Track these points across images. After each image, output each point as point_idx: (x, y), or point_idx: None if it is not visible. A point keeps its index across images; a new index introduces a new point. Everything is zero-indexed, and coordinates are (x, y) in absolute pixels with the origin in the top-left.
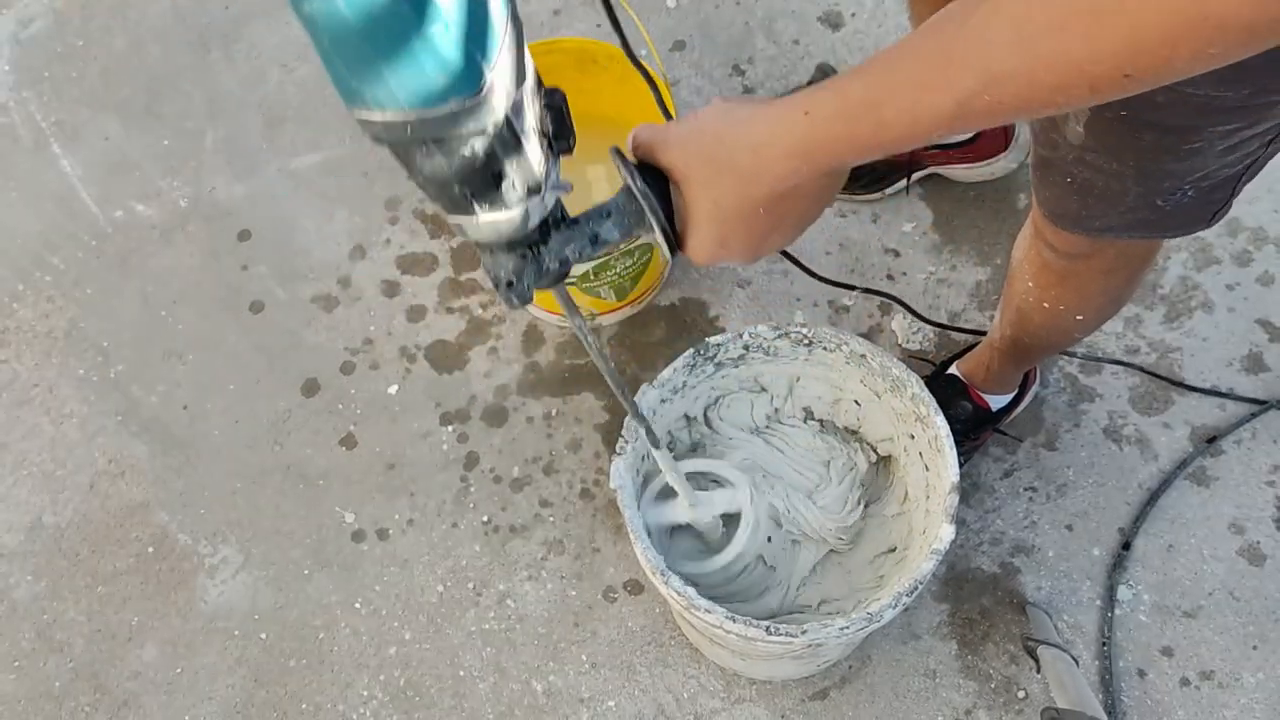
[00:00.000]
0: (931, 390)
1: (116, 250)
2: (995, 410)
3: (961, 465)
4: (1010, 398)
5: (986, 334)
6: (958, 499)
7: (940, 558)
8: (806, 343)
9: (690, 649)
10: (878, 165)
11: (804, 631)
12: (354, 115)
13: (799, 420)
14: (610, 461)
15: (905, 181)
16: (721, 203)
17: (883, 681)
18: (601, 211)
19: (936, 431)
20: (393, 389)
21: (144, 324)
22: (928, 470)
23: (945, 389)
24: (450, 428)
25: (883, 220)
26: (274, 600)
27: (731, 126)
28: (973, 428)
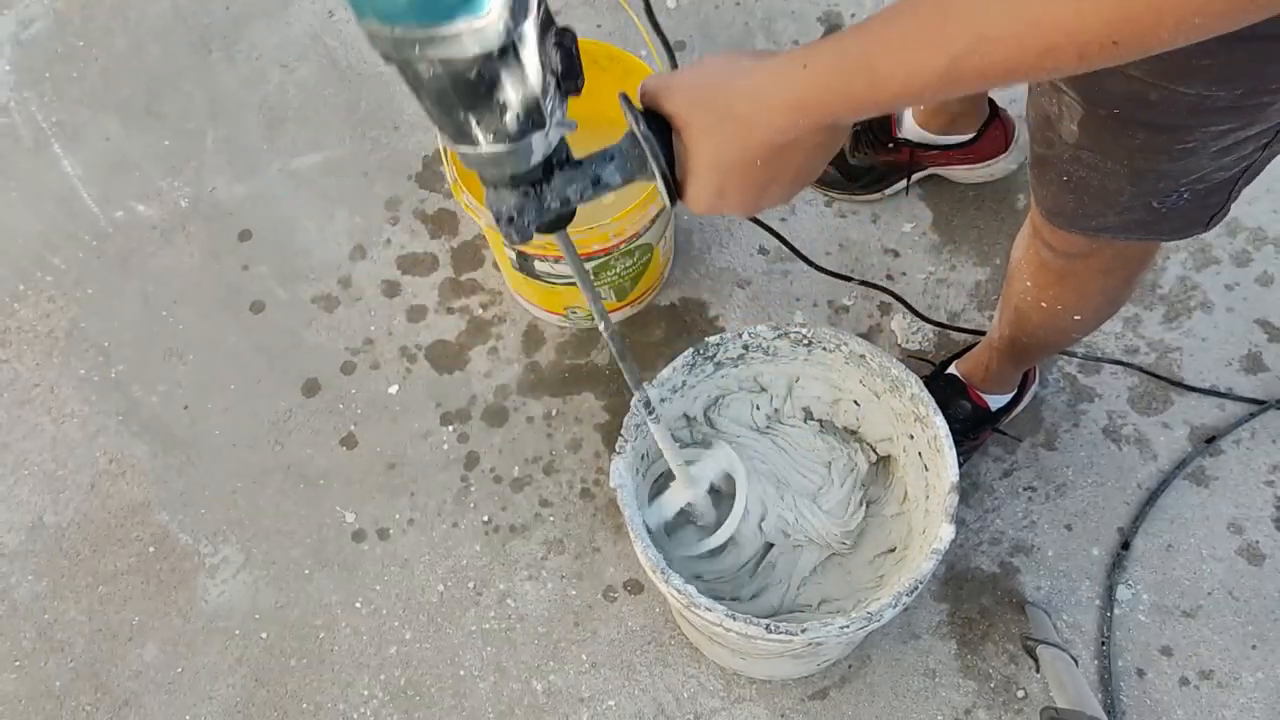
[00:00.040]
0: (931, 390)
1: (117, 250)
2: (994, 410)
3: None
4: (1009, 398)
5: (986, 334)
6: (957, 499)
7: (940, 557)
8: (806, 343)
9: (690, 648)
10: (877, 165)
11: (804, 630)
12: (363, 27)
13: (799, 420)
14: (610, 461)
15: (905, 182)
16: (720, 151)
17: (882, 681)
18: (605, 155)
19: (936, 431)
20: (393, 389)
21: (145, 324)
22: (927, 470)
23: (944, 389)
24: (450, 428)
25: (882, 220)
26: (274, 600)
27: (733, 76)
28: (972, 427)
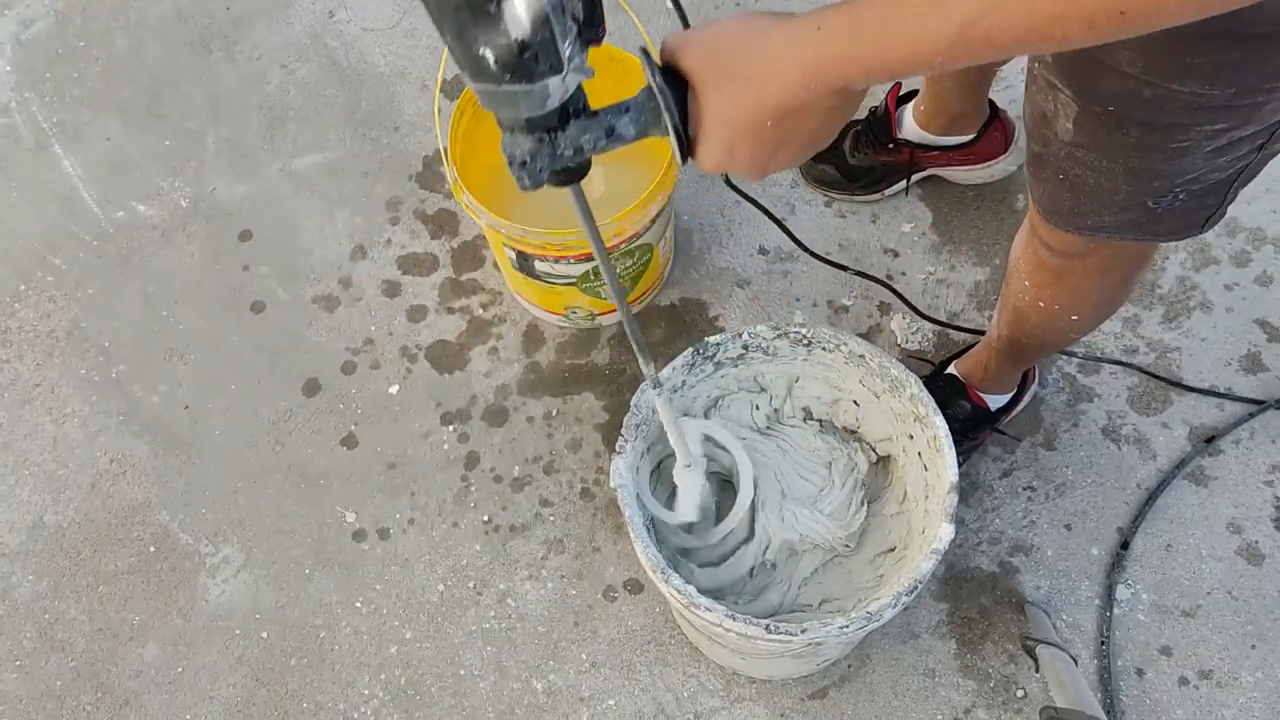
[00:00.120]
0: (930, 390)
1: (118, 250)
2: (994, 410)
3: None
4: (1009, 397)
5: (985, 333)
6: (956, 499)
7: (939, 557)
8: (805, 343)
9: (690, 648)
10: (877, 166)
11: (804, 630)
12: None
13: (799, 420)
14: (610, 461)
15: (905, 183)
16: (731, 110)
17: (882, 680)
18: (621, 107)
19: (935, 431)
20: (393, 389)
21: (145, 324)
22: (926, 470)
23: (944, 389)
24: (451, 427)
25: (882, 220)
26: (275, 599)
27: (748, 36)
28: (971, 427)
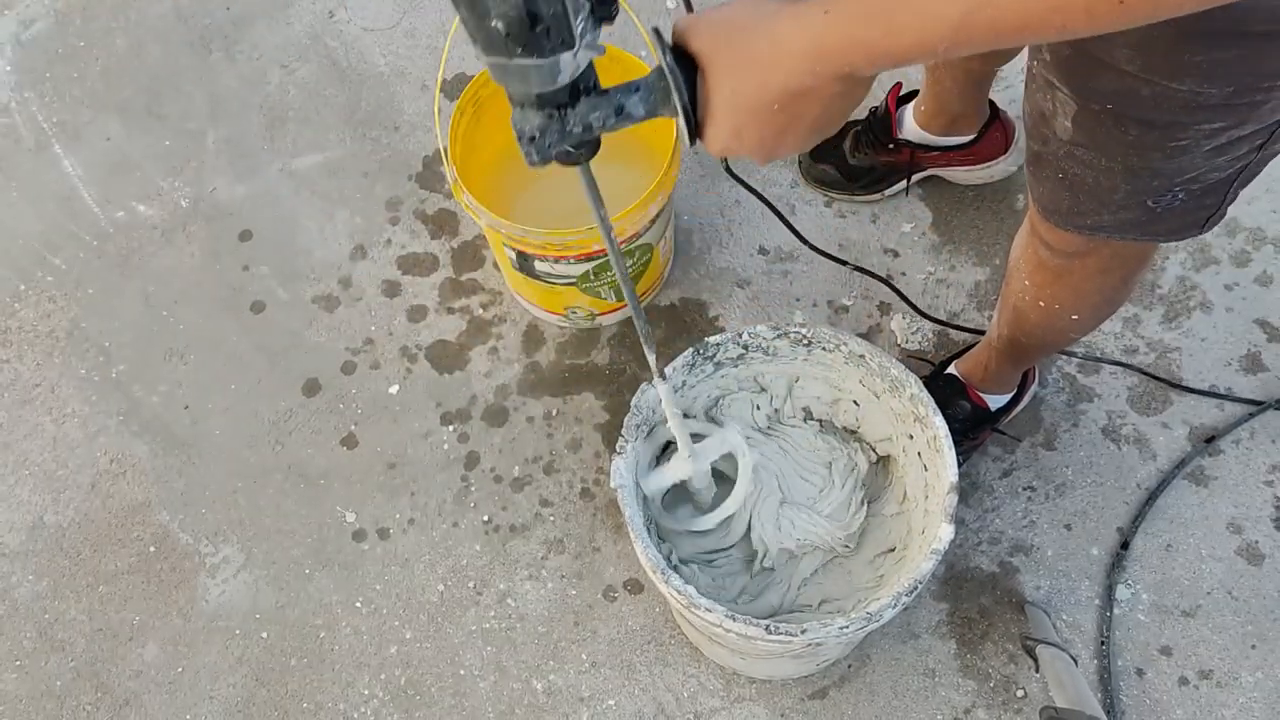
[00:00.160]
0: (930, 390)
1: (118, 250)
2: (994, 410)
3: (960, 465)
4: (1009, 397)
5: (985, 331)
6: (956, 499)
7: (939, 558)
8: (805, 343)
9: (690, 648)
10: (878, 166)
11: (804, 631)
12: None
13: (799, 420)
14: (610, 461)
15: (905, 183)
16: (739, 92)
17: (882, 680)
18: (631, 86)
19: (935, 432)
20: (393, 389)
21: (145, 324)
22: (926, 470)
23: (944, 389)
24: (451, 427)
25: (882, 221)
26: (275, 599)
27: (756, 19)
28: (971, 427)
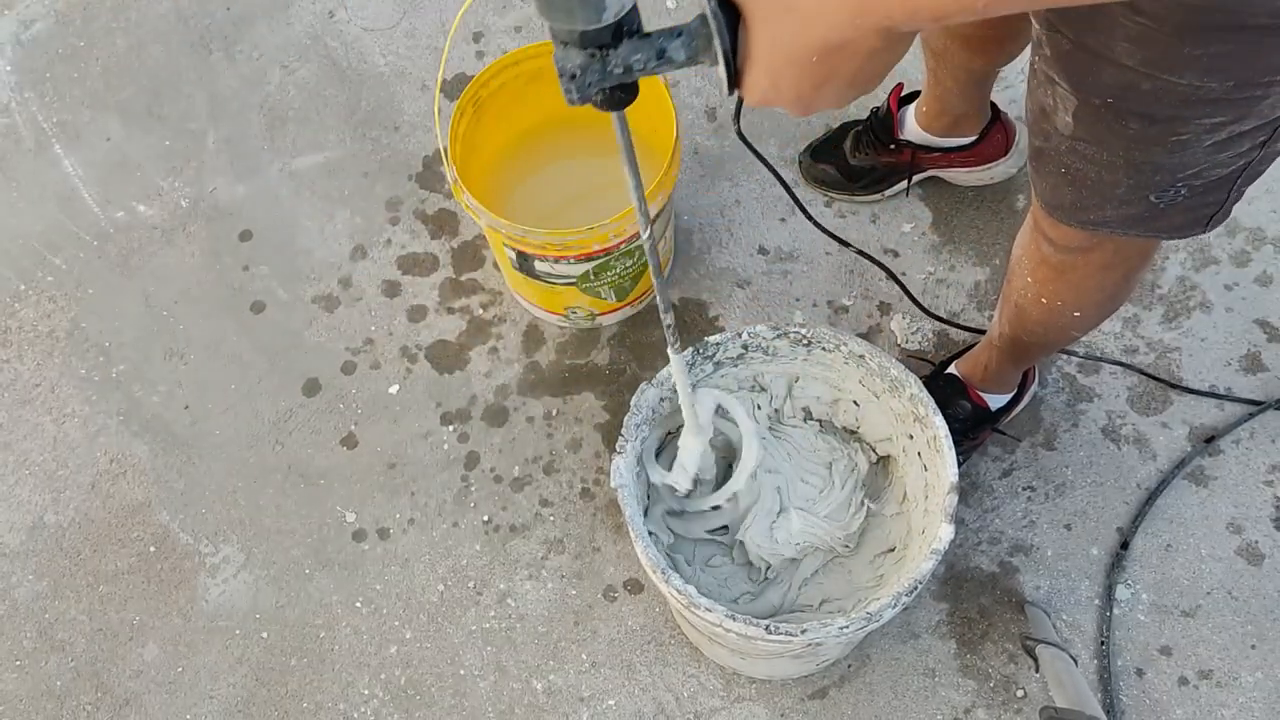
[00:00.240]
0: (930, 390)
1: (118, 250)
2: (994, 410)
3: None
4: (1009, 397)
5: (985, 330)
6: (956, 499)
7: (939, 558)
8: (805, 343)
9: (690, 648)
10: (878, 166)
11: (804, 631)
12: None
13: (799, 420)
14: (610, 461)
15: (906, 183)
16: (777, 42)
17: (882, 680)
18: (674, 31)
19: (935, 432)
20: (393, 389)
21: (145, 324)
22: (926, 470)
23: (944, 389)
24: (451, 427)
25: (882, 221)
26: (275, 599)
27: None
28: (971, 427)
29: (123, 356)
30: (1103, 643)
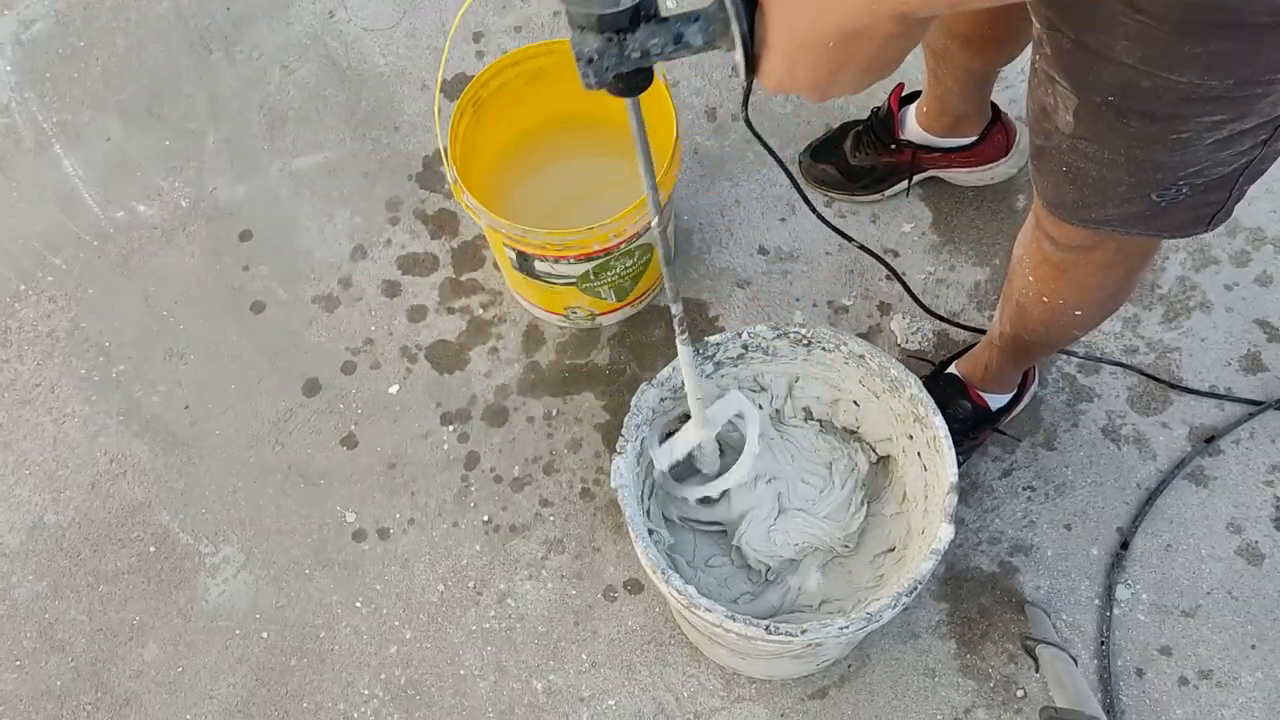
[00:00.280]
0: (930, 390)
1: (118, 250)
2: (994, 410)
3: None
4: (1009, 397)
5: (986, 330)
6: (956, 499)
7: (939, 558)
8: (805, 342)
9: (690, 648)
10: (879, 166)
11: (804, 631)
12: None
13: (799, 420)
14: (610, 461)
15: (906, 184)
16: (794, 28)
17: (882, 680)
18: (692, 15)
19: (935, 432)
20: (393, 389)
21: (145, 324)
22: (926, 470)
23: (944, 388)
24: (451, 427)
25: (882, 221)
26: (275, 599)
27: None
28: (971, 427)
29: (123, 356)
30: (1103, 643)
